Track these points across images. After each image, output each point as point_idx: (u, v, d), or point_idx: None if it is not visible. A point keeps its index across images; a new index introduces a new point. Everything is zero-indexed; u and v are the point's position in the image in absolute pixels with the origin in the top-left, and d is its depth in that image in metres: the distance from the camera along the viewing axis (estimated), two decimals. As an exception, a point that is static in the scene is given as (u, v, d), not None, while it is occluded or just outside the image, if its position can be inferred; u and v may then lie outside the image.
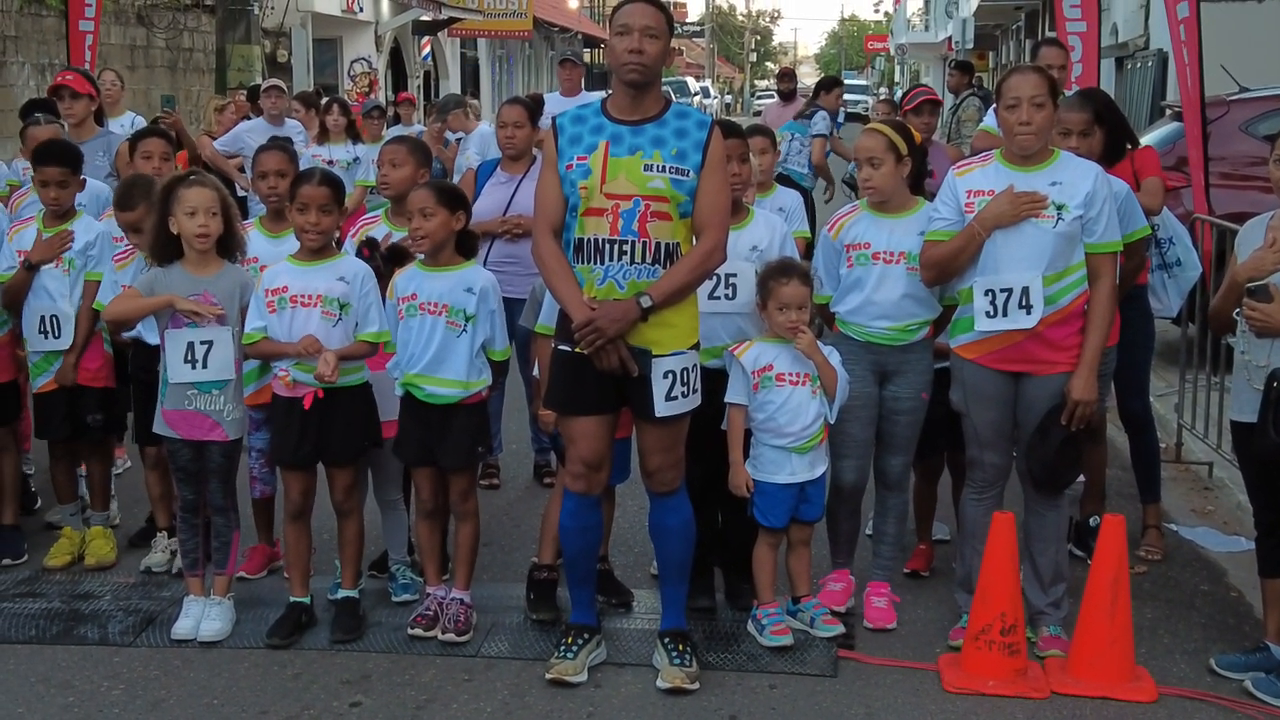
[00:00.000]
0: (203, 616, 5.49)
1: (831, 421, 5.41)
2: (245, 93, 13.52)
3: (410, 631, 5.46)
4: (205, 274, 5.46)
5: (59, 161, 6.23)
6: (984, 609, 5.05)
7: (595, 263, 4.85)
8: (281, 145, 6.30)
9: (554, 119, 5.06)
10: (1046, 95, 5.08)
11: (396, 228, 6.02)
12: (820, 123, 12.72)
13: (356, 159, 10.82)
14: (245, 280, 5.56)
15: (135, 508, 6.79)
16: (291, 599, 5.59)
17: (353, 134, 11.11)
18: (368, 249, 5.73)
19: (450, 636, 5.41)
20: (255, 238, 5.95)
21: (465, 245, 5.54)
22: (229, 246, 5.55)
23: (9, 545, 6.35)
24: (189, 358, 5.39)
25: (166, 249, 5.46)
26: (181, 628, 5.47)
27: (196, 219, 5.36)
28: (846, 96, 18.89)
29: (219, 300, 5.43)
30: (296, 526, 5.57)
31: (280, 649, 5.39)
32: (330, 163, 10.54)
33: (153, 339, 5.72)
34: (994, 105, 5.84)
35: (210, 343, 5.40)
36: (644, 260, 4.82)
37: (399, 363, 5.49)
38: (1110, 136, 6.15)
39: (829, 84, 13.83)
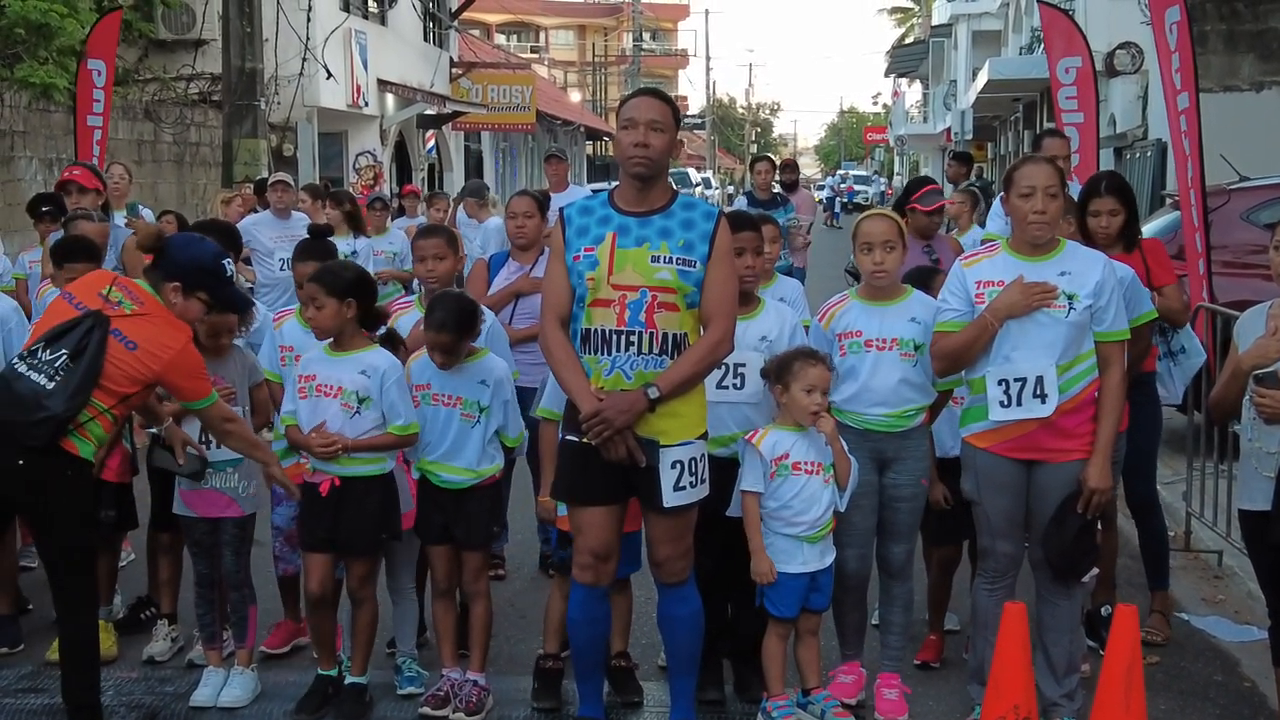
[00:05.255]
0: (223, 685, 5.60)
1: (842, 510, 5.39)
2: (252, 186, 13.62)
3: (420, 710, 5.47)
4: (216, 359, 5.66)
5: (86, 257, 6.35)
6: (997, 700, 4.97)
7: (602, 353, 4.86)
8: (314, 251, 6.27)
9: (561, 210, 5.10)
10: (1059, 187, 5.13)
11: None
12: None
13: (355, 252, 10.85)
14: (251, 362, 5.84)
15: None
16: (319, 672, 5.63)
17: (355, 226, 11.17)
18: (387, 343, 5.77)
19: (460, 716, 5.41)
20: (293, 327, 6.07)
21: (472, 330, 5.56)
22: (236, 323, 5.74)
23: (6, 634, 6.33)
24: (203, 439, 5.60)
25: None
26: (201, 695, 5.59)
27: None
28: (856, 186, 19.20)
29: (230, 383, 5.65)
30: (317, 615, 5.60)
31: None
32: (330, 255, 10.62)
33: None
34: (997, 197, 5.87)
35: None
36: (651, 351, 4.83)
37: (414, 447, 5.55)
38: (1128, 225, 6.20)
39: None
